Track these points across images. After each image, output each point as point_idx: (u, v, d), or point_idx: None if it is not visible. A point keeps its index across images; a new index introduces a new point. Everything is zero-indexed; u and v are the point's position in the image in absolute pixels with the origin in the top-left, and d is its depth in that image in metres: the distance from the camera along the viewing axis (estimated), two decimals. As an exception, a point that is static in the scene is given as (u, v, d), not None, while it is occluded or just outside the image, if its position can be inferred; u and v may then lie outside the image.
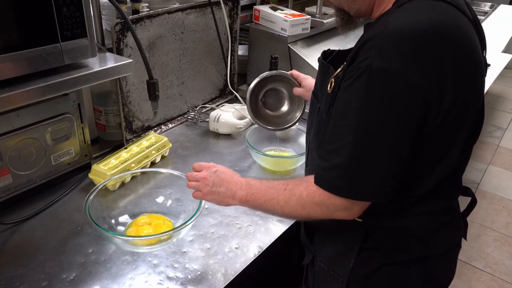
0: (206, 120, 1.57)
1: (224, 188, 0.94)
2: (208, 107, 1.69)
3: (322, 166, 0.80)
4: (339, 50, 0.95)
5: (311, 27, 1.68)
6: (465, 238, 1.00)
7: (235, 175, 0.97)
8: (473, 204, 1.02)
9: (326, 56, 0.95)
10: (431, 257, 0.90)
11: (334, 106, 0.79)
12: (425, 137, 0.75)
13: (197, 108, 1.65)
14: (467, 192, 1.00)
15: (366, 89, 0.72)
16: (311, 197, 0.82)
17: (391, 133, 0.73)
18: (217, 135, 1.54)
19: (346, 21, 0.89)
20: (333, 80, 0.83)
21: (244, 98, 1.74)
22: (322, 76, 0.94)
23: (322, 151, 0.82)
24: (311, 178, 0.83)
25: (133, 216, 1.12)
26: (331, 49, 0.98)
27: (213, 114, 1.53)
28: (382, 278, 0.91)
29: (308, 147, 0.99)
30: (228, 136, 1.52)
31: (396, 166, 0.75)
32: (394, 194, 0.78)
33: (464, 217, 1.00)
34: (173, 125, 1.59)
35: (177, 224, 1.07)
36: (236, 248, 1.05)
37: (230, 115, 1.52)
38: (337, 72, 0.83)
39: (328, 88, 0.84)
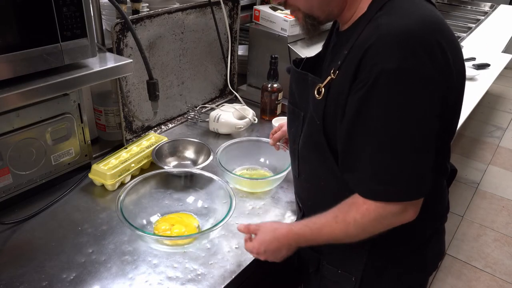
0: (206, 120, 1.57)
1: (283, 254, 0.92)
2: (208, 107, 1.69)
3: (363, 178, 0.79)
4: (307, 58, 0.97)
5: (311, 27, 1.68)
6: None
7: (278, 237, 0.90)
8: (453, 174, 1.04)
9: (297, 65, 0.96)
10: (430, 237, 0.96)
11: (350, 118, 0.78)
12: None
13: (197, 108, 1.65)
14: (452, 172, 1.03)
15: (386, 92, 0.72)
16: (366, 217, 0.80)
17: (421, 124, 0.75)
18: (217, 135, 1.54)
19: (314, 28, 0.86)
20: (322, 88, 0.83)
21: (244, 98, 1.74)
22: (300, 84, 0.94)
23: (353, 163, 0.80)
24: (357, 198, 0.82)
25: (158, 215, 1.13)
26: (298, 58, 0.99)
27: (213, 114, 1.53)
28: (397, 268, 0.93)
29: (298, 156, 0.98)
30: (228, 136, 1.52)
31: (432, 155, 0.78)
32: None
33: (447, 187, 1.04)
34: (173, 125, 1.59)
35: (206, 224, 1.09)
36: (236, 248, 1.05)
37: (230, 115, 1.52)
38: (327, 81, 0.82)
39: (317, 96, 0.84)
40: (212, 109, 1.62)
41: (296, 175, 1.02)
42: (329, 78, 0.82)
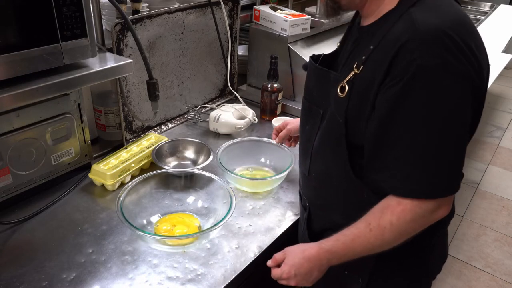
0: (206, 120, 1.57)
1: (317, 272, 0.88)
2: (208, 107, 1.69)
3: (398, 176, 0.78)
4: (324, 54, 0.97)
5: (311, 27, 1.68)
6: None
7: (309, 257, 0.87)
8: None
9: (315, 61, 0.95)
10: (437, 240, 0.96)
11: (383, 114, 0.77)
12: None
13: (197, 108, 1.65)
14: None
15: (425, 88, 0.73)
16: (402, 218, 0.79)
17: (459, 121, 0.75)
18: (217, 135, 1.54)
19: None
20: (345, 84, 0.82)
21: (244, 98, 1.74)
22: (319, 81, 0.93)
23: (386, 161, 0.80)
24: (389, 201, 0.81)
25: (159, 215, 1.14)
26: (316, 54, 0.98)
27: (213, 114, 1.53)
28: (404, 270, 0.93)
29: (311, 154, 0.97)
30: (228, 136, 1.52)
31: (464, 151, 0.78)
32: None
33: None
34: (173, 125, 1.59)
35: (206, 224, 1.10)
36: (236, 248, 1.05)
37: (230, 115, 1.52)
38: (350, 76, 0.82)
39: (340, 93, 0.84)
40: (212, 109, 1.62)
41: (306, 173, 1.01)
42: (352, 73, 0.81)
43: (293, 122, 1.25)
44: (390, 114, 0.76)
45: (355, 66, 0.81)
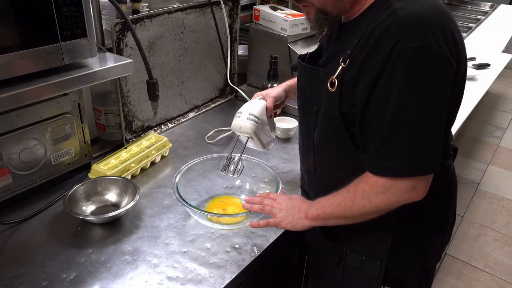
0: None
1: (297, 209, 0.98)
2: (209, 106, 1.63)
3: (377, 154, 0.81)
4: (310, 53, 0.99)
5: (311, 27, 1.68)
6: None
7: (294, 203, 1.01)
8: (455, 151, 1.07)
9: (302, 60, 0.98)
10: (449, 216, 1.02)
11: (364, 96, 0.80)
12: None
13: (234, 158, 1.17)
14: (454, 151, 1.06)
15: (406, 70, 0.74)
16: (374, 187, 0.84)
17: (436, 103, 0.77)
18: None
19: (328, 23, 0.88)
20: (335, 79, 0.84)
21: (245, 98, 1.74)
22: (310, 79, 0.95)
23: (369, 142, 0.83)
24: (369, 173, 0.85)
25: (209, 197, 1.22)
26: (301, 54, 1.01)
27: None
28: (420, 247, 0.97)
29: (313, 151, 0.99)
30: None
31: (441, 134, 0.80)
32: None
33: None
34: (173, 125, 1.59)
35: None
36: (236, 248, 1.05)
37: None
38: (339, 71, 0.84)
39: (330, 88, 0.86)
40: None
41: (312, 170, 1.03)
42: (340, 68, 0.84)
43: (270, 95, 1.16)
44: (369, 95, 0.79)
45: (341, 60, 0.83)
